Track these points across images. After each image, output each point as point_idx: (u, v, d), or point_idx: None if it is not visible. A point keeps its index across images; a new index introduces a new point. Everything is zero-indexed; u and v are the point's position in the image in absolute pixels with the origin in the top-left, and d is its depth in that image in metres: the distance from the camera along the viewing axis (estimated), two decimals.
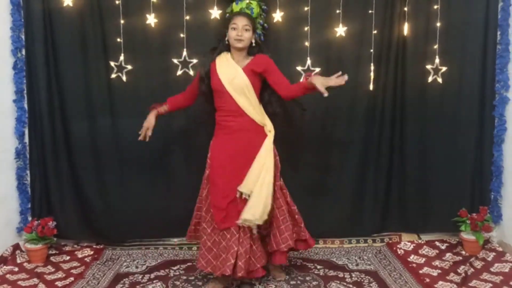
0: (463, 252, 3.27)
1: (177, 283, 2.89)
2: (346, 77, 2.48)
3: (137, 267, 3.14)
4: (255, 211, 2.57)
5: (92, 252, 3.31)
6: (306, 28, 3.24)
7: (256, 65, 2.68)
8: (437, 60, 3.30)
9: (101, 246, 3.40)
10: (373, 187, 3.46)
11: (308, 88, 2.56)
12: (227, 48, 2.73)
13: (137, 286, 2.84)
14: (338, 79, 2.49)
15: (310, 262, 3.19)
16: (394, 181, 3.46)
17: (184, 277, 2.97)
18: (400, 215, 3.48)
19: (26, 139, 3.31)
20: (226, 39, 2.69)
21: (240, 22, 2.63)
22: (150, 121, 2.88)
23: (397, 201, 3.47)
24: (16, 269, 3.03)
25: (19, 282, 2.83)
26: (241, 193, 2.63)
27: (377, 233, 3.51)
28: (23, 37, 3.22)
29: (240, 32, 2.62)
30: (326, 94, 2.42)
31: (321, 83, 2.45)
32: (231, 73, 2.65)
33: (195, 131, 3.33)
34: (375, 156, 3.43)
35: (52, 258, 3.21)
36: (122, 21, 3.18)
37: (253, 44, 2.71)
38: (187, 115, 3.33)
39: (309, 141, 3.33)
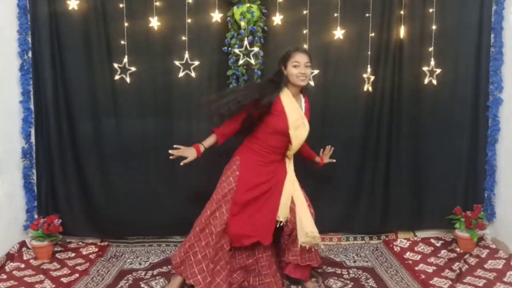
0: (458, 249, 3.27)
1: None
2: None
3: (140, 264, 3.14)
4: (310, 230, 2.62)
5: (96, 249, 3.31)
6: (305, 31, 3.24)
7: (308, 111, 2.75)
8: (432, 62, 3.30)
9: (106, 243, 3.40)
10: (370, 186, 3.45)
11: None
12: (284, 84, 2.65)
13: (140, 282, 2.84)
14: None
15: None
16: (391, 180, 3.46)
17: None
18: (396, 213, 3.48)
19: (32, 139, 3.31)
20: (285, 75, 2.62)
21: (302, 60, 2.57)
22: (189, 154, 2.64)
23: (393, 200, 3.47)
24: (23, 265, 3.04)
25: (26, 278, 2.84)
26: (279, 221, 2.65)
27: (374, 231, 3.51)
28: (29, 39, 3.22)
29: (304, 70, 2.57)
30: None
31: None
32: (299, 122, 2.61)
33: (197, 131, 3.33)
34: (373, 155, 3.43)
35: (57, 255, 3.22)
36: (126, 24, 3.18)
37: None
38: (188, 116, 3.34)
39: (308, 141, 3.31)
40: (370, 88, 3.31)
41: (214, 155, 3.36)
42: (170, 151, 2.61)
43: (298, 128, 2.61)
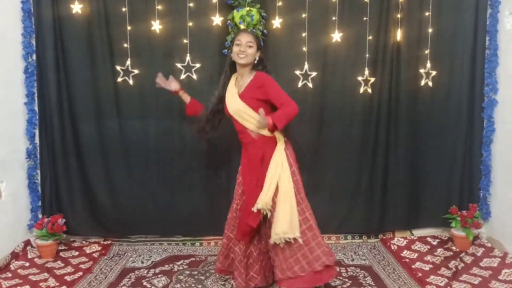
0: (454, 248, 3.28)
1: (181, 277, 2.90)
2: None
3: (142, 262, 3.15)
4: (282, 225, 2.45)
5: (99, 248, 3.32)
6: (303, 34, 3.25)
7: (255, 83, 2.58)
8: (428, 65, 3.31)
9: (108, 242, 3.41)
10: (368, 186, 3.46)
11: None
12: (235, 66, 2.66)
13: (143, 281, 2.85)
14: None
15: None
16: (389, 180, 3.46)
17: (188, 272, 2.98)
18: (394, 213, 3.48)
19: (37, 140, 3.32)
20: (231, 57, 2.64)
21: (244, 39, 2.56)
22: (172, 85, 2.94)
23: (391, 199, 3.47)
24: (27, 264, 3.04)
25: (30, 277, 2.85)
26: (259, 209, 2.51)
27: (372, 231, 3.51)
28: (34, 42, 3.23)
29: (244, 48, 2.55)
30: None
31: None
32: (230, 99, 2.62)
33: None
34: (371, 156, 3.44)
35: (61, 254, 3.23)
36: (128, 28, 3.19)
37: (255, 61, 2.62)
38: (190, 117, 3.34)
39: (307, 142, 3.33)
40: (369, 90, 3.32)
41: (216, 156, 3.39)
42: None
43: (231, 104, 2.60)
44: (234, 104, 2.59)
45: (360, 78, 3.31)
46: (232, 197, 2.78)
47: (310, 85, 3.28)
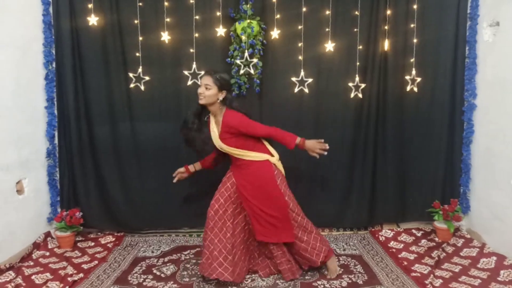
0: (436, 239, 3.30)
1: (188, 265, 2.93)
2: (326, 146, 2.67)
3: (152, 252, 3.18)
4: None
5: (113, 239, 3.35)
6: (300, 44, 3.28)
7: (226, 126, 2.60)
8: (413, 72, 3.33)
9: (122, 234, 3.44)
10: (359, 183, 3.47)
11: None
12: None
13: (153, 269, 2.88)
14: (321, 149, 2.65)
15: None
16: (378, 177, 3.48)
17: (194, 261, 3.01)
18: (382, 208, 3.49)
19: (56, 141, 3.35)
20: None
21: (203, 81, 2.57)
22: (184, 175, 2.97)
23: (380, 195, 3.49)
24: (48, 253, 3.08)
25: (50, 265, 2.89)
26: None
27: (363, 224, 3.53)
28: (53, 52, 3.27)
29: (202, 90, 2.56)
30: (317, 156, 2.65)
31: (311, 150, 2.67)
32: (215, 140, 2.66)
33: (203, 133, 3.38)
34: (361, 156, 3.45)
35: (79, 244, 3.26)
36: (140, 38, 3.22)
37: (219, 101, 2.59)
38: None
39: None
40: (359, 95, 3.35)
41: (219, 155, 3.40)
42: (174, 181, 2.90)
43: (216, 144, 2.66)
44: (220, 146, 2.66)
45: (351, 84, 3.33)
46: None
47: (306, 90, 3.30)
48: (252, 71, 3.17)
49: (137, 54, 3.23)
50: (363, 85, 3.35)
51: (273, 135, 2.63)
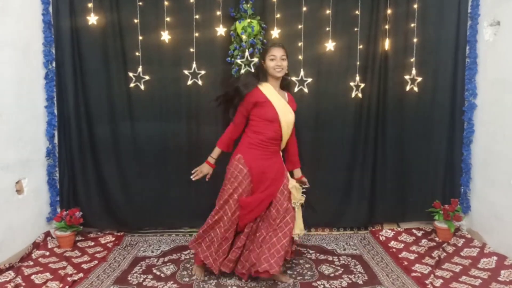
0: (437, 239, 3.30)
1: (188, 265, 2.92)
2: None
3: (152, 252, 3.17)
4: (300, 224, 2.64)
5: (113, 239, 3.34)
6: (300, 44, 3.28)
7: (292, 105, 2.65)
8: (413, 71, 3.33)
9: (121, 233, 3.43)
10: (359, 183, 3.47)
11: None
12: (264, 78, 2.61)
13: (153, 268, 2.88)
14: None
15: (303, 247, 3.23)
16: (378, 177, 3.48)
17: (193, 261, 2.98)
18: (382, 208, 3.49)
19: (56, 140, 3.34)
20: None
21: (278, 53, 2.53)
22: (206, 170, 2.72)
23: (380, 195, 3.49)
24: (47, 253, 3.07)
25: (50, 265, 2.87)
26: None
27: (363, 224, 3.53)
28: (53, 51, 3.26)
29: (279, 62, 2.53)
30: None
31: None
32: (285, 109, 2.57)
33: (203, 133, 3.37)
34: (361, 156, 3.45)
35: (78, 244, 3.25)
36: (140, 38, 3.21)
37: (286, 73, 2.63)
38: (196, 120, 3.38)
39: (303, 142, 3.32)
40: (359, 94, 3.34)
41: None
42: (191, 177, 2.69)
43: (285, 114, 2.56)
44: (291, 118, 2.60)
45: (351, 84, 3.33)
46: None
47: (306, 90, 3.30)
48: (252, 71, 3.17)
49: (137, 54, 3.22)
50: (362, 85, 3.35)
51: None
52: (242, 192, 2.58)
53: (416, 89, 3.35)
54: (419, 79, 3.34)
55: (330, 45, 3.25)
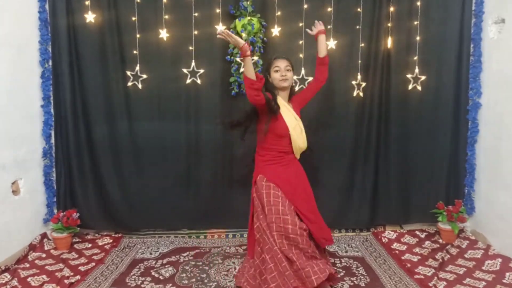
0: (440, 240, 3.30)
1: (187, 267, 2.92)
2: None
3: (151, 254, 3.17)
4: None
5: (111, 240, 3.34)
6: (300, 42, 3.27)
7: (299, 107, 2.67)
8: (416, 70, 3.32)
9: (119, 235, 3.43)
10: (361, 184, 3.46)
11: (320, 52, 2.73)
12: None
13: (151, 271, 2.87)
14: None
15: None
16: (380, 178, 3.47)
17: (193, 262, 3.00)
18: (385, 209, 3.48)
19: (53, 140, 3.34)
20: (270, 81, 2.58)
21: (282, 64, 2.54)
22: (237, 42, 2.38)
23: (382, 196, 3.48)
24: (44, 255, 3.07)
25: (47, 267, 2.87)
26: None
27: (365, 226, 3.52)
28: (50, 49, 3.25)
29: (284, 72, 2.54)
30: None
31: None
32: (293, 121, 2.55)
33: (202, 133, 3.37)
34: (363, 156, 3.44)
35: (75, 246, 3.24)
36: (138, 36, 3.21)
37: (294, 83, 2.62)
38: (195, 119, 3.37)
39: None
40: (361, 94, 3.33)
41: (218, 154, 3.40)
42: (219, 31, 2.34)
43: (295, 128, 2.57)
44: (301, 130, 2.59)
45: (353, 82, 3.32)
46: (235, 196, 2.73)
47: None
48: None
49: (135, 52, 3.22)
50: (364, 84, 3.34)
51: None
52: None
53: (419, 88, 3.34)
54: (422, 78, 3.34)
55: (331, 43, 3.25)
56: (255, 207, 2.54)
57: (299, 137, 2.58)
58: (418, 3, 3.28)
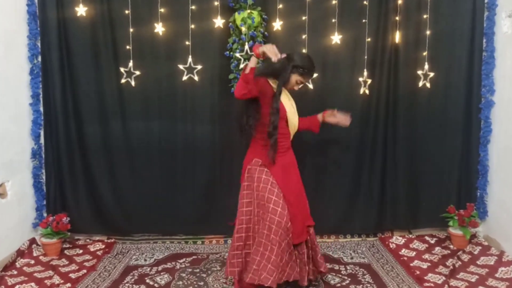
0: (451, 246, 3.29)
1: (183, 275, 2.91)
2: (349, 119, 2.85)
3: (145, 260, 3.16)
4: None
5: (103, 246, 3.33)
6: (304, 36, 3.26)
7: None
8: (426, 66, 3.32)
9: (112, 240, 3.42)
10: (367, 186, 3.45)
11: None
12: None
13: (146, 278, 2.86)
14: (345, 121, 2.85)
15: None
16: (387, 180, 3.46)
17: (190, 269, 2.99)
18: (392, 213, 3.47)
19: (42, 140, 3.33)
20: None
21: (306, 80, 2.70)
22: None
23: (389, 199, 3.47)
24: (33, 261, 3.06)
25: (35, 274, 2.86)
26: None
27: (371, 231, 3.52)
28: (39, 44, 3.25)
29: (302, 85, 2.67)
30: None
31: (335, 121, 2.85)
32: (292, 111, 2.64)
33: (199, 132, 3.36)
34: (370, 157, 3.43)
35: (66, 252, 3.24)
36: (131, 30, 3.20)
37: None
38: (192, 118, 3.36)
39: (307, 143, 3.34)
40: (367, 91, 3.33)
41: (216, 155, 3.39)
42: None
43: (292, 114, 2.63)
44: (295, 118, 2.66)
45: (361, 79, 3.31)
46: (234, 200, 2.71)
47: (310, 86, 3.28)
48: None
49: (128, 47, 3.21)
50: (370, 81, 3.34)
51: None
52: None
53: (428, 85, 3.33)
54: (432, 74, 3.33)
55: (336, 38, 3.24)
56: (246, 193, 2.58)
57: (294, 117, 2.65)
58: None
